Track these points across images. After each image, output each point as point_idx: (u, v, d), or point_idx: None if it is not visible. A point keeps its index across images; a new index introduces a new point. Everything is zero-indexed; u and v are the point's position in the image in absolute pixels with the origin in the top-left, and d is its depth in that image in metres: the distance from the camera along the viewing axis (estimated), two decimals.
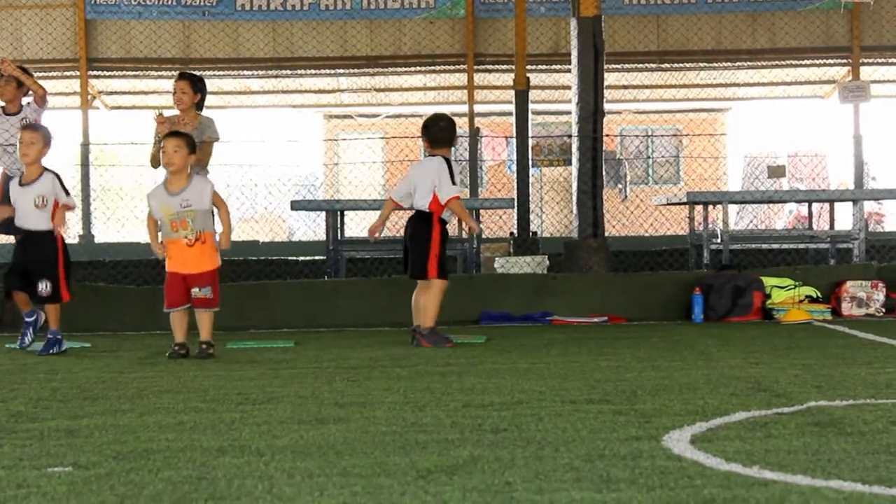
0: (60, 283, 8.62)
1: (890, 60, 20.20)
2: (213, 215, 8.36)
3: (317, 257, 14.19)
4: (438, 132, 9.15)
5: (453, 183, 8.91)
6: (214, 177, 9.84)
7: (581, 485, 3.73)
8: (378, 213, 9.53)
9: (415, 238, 9.04)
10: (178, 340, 8.24)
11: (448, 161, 9.01)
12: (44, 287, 8.53)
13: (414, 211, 9.15)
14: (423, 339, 8.88)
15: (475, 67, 19.48)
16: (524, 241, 15.39)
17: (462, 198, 9.19)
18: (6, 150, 12.94)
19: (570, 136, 13.19)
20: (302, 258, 14.85)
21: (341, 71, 20.78)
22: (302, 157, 29.17)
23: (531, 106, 17.40)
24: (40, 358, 8.46)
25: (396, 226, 11.92)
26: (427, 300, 8.96)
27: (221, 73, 20.10)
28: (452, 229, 10.51)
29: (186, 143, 8.14)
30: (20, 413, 5.50)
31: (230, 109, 22.52)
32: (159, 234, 8.24)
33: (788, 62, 20.51)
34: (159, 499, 3.62)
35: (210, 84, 20.51)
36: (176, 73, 10.29)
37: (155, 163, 9.88)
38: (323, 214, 13.82)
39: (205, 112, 9.75)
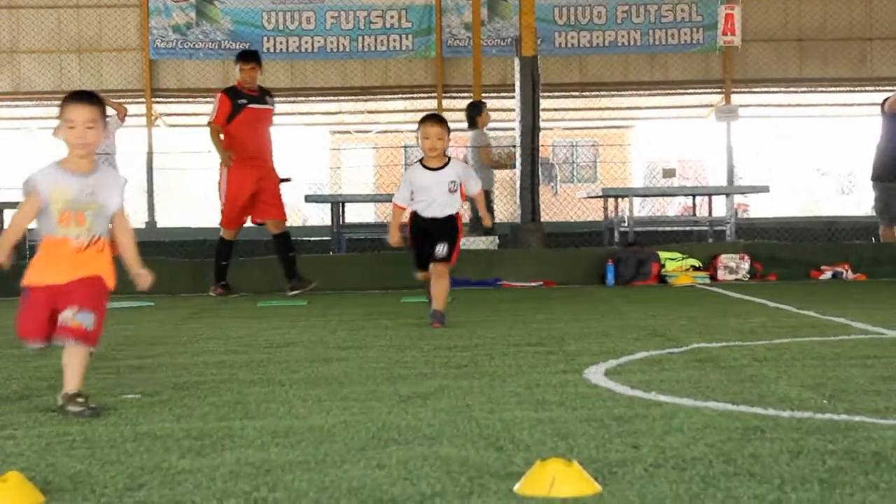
0: None
1: (753, 90, 20.28)
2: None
3: (325, 238, 14.16)
4: None
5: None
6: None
7: (522, 406, 3.75)
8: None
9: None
10: (70, 390, 3.77)
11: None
12: None
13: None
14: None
15: (443, 95, 19.43)
16: (481, 226, 15.38)
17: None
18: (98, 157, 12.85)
19: (514, 147, 13.15)
20: (313, 238, 14.83)
21: (342, 98, 20.69)
22: (313, 162, 29.07)
23: None
24: (113, 312, 8.42)
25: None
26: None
27: None
28: None
29: (102, 115, 4.01)
30: (102, 355, 5.48)
31: None
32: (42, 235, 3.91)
33: (678, 91, 20.57)
34: (206, 418, 3.63)
35: None
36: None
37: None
38: (329, 205, 13.79)
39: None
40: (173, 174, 22.43)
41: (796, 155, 23.70)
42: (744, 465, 2.77)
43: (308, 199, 15.28)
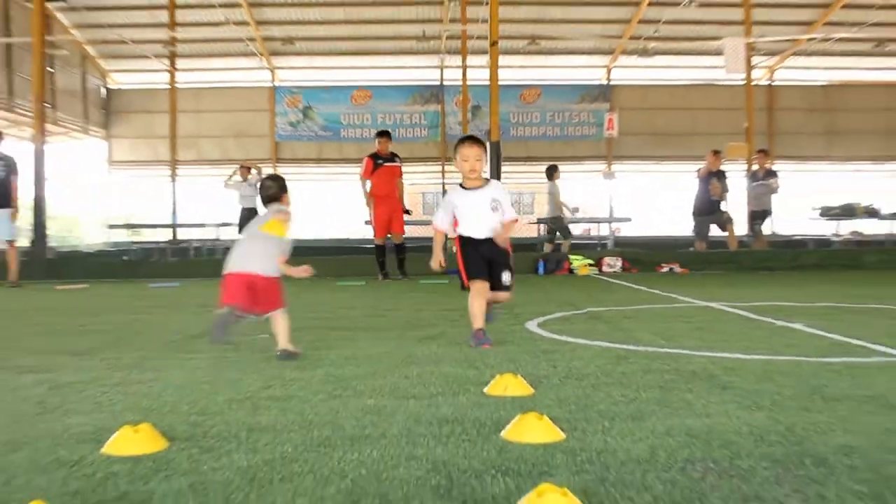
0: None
1: (625, 163, 20.30)
2: None
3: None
4: None
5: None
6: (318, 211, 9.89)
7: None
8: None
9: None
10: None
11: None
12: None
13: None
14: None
15: (446, 163, 19.40)
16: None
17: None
18: (245, 197, 12.79)
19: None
20: (368, 245, 14.76)
21: None
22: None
23: None
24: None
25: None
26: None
27: (333, 166, 20.06)
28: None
29: None
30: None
31: (336, 182, 22.40)
32: None
33: (581, 162, 20.57)
34: (306, 348, 3.62)
35: (327, 169, 20.48)
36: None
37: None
38: None
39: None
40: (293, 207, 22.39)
41: (649, 199, 23.71)
42: (616, 378, 2.78)
43: (367, 222, 15.21)
